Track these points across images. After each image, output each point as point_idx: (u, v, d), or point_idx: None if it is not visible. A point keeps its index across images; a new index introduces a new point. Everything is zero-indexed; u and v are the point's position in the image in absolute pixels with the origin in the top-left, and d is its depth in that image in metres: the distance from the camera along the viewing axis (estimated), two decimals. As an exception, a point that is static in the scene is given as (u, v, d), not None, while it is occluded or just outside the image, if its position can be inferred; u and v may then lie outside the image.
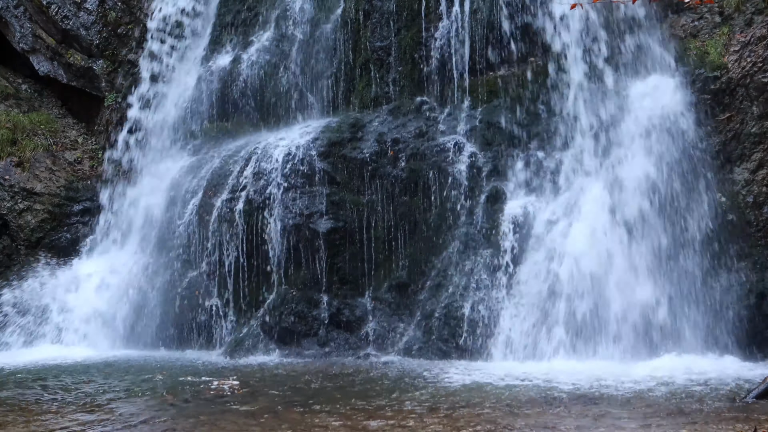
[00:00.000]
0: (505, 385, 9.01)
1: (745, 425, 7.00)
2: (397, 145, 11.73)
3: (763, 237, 10.41)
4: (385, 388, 8.98)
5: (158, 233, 12.56)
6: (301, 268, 11.50)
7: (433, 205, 11.44)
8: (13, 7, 15.19)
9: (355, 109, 12.40)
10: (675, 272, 10.35)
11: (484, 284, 10.80)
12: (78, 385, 9.53)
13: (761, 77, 10.48)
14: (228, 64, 13.33)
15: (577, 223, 10.65)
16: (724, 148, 10.68)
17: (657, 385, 8.72)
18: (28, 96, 15.43)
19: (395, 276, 11.34)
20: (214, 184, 12.12)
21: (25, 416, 7.97)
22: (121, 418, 7.85)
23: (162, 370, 10.36)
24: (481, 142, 11.56)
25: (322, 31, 12.86)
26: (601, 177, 10.87)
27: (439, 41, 12.08)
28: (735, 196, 10.54)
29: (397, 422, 7.41)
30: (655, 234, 10.45)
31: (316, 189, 11.65)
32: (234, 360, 11.01)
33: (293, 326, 11.25)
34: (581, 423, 7.31)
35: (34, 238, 13.49)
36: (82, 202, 13.83)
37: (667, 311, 10.19)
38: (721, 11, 11.09)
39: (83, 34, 14.71)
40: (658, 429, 7.07)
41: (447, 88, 12.02)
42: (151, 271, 12.36)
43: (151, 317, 12.08)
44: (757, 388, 8.04)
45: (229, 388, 9.15)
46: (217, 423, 7.58)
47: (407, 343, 10.93)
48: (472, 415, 7.60)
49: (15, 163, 13.86)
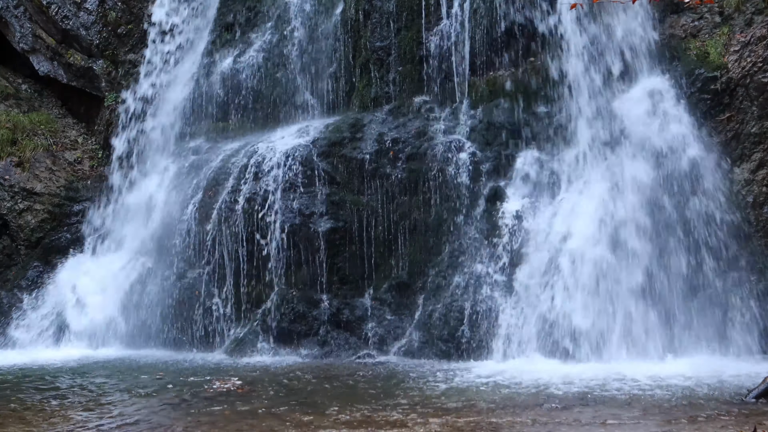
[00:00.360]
0: (506, 384, 9.01)
1: (745, 425, 7.00)
2: (397, 145, 11.73)
3: (763, 237, 10.41)
4: (385, 388, 8.97)
5: (158, 233, 12.55)
6: (301, 268, 11.50)
7: (433, 205, 11.44)
8: (13, 7, 15.19)
9: (355, 109, 12.41)
10: (675, 271, 10.35)
11: (484, 284, 10.80)
12: (78, 385, 9.53)
13: (761, 77, 10.48)
14: (228, 64, 13.33)
15: (576, 223, 10.65)
16: (724, 148, 10.68)
17: (657, 386, 8.72)
18: (28, 96, 15.43)
19: (395, 276, 11.34)
20: (214, 184, 12.12)
21: (25, 415, 7.97)
22: (121, 418, 7.84)
23: (162, 369, 10.36)
24: (481, 142, 11.55)
25: (322, 31, 12.86)
26: (600, 177, 10.87)
27: (439, 41, 12.08)
28: (735, 196, 10.54)
29: (396, 422, 7.41)
30: (655, 234, 10.45)
31: (316, 189, 11.65)
32: (234, 360, 11.01)
33: (293, 326, 11.25)
34: (581, 423, 7.31)
35: (34, 238, 13.48)
36: (82, 202, 13.82)
37: (667, 311, 10.19)
38: (721, 11, 11.09)
39: (83, 34, 14.71)
40: (658, 429, 7.07)
41: (447, 88, 12.02)
42: (151, 270, 12.36)
43: (151, 317, 12.07)
44: (757, 388, 8.04)
45: (229, 388, 9.15)
46: (217, 423, 7.57)
47: (407, 343, 10.93)
48: (472, 415, 7.60)
49: (15, 163, 13.86)
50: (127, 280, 12.52)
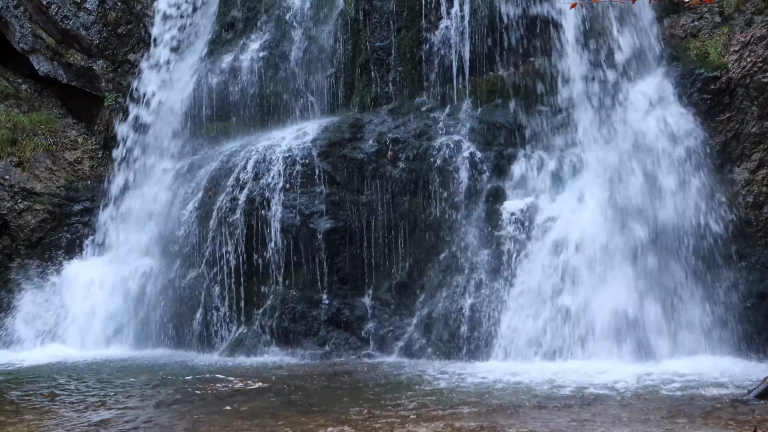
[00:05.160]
0: (505, 384, 9.01)
1: (745, 425, 7.01)
2: (397, 145, 11.74)
3: (763, 237, 10.41)
4: (385, 388, 8.98)
5: (158, 233, 12.56)
6: (301, 268, 11.50)
7: (433, 205, 11.44)
8: (13, 7, 15.20)
9: (355, 109, 12.41)
10: (675, 272, 10.36)
11: (484, 284, 10.81)
12: (78, 385, 9.54)
13: (761, 77, 10.49)
14: (228, 63, 13.33)
15: (576, 222, 10.65)
16: (724, 148, 10.69)
17: (657, 386, 8.73)
18: (28, 96, 15.43)
19: (395, 276, 11.35)
20: (214, 184, 12.12)
21: (25, 415, 7.97)
22: (121, 418, 7.85)
23: (162, 369, 10.36)
24: (481, 142, 11.56)
25: (322, 31, 12.86)
26: (601, 176, 10.87)
27: (439, 41, 12.08)
28: (735, 196, 10.54)
29: (396, 422, 7.41)
30: (654, 234, 10.45)
31: (316, 189, 11.66)
32: (234, 360, 11.02)
33: (293, 326, 11.26)
34: (581, 423, 7.31)
35: (34, 238, 13.48)
36: (82, 202, 13.82)
37: (667, 311, 10.19)
38: (721, 11, 11.10)
39: (83, 34, 14.71)
40: (658, 429, 7.07)
41: (447, 88, 12.01)
42: (151, 270, 12.36)
43: (151, 317, 12.08)
44: (757, 388, 8.04)
45: (229, 388, 9.15)
46: (217, 423, 7.58)
47: (407, 343, 10.93)
48: (471, 415, 7.61)
49: (15, 163, 13.87)
50: (127, 281, 12.52)
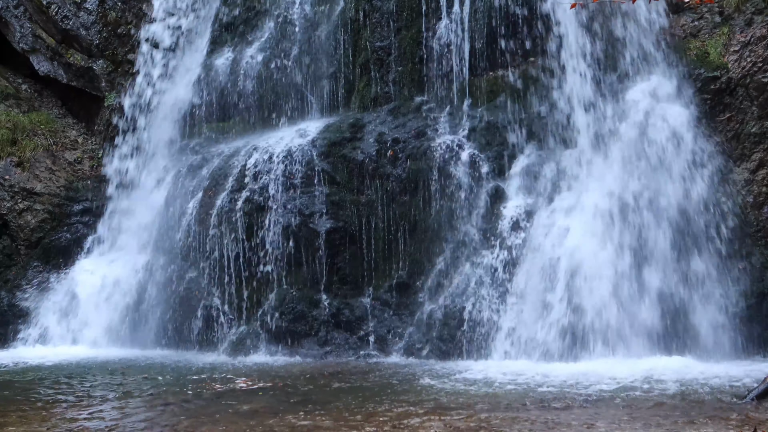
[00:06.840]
0: (505, 384, 9.01)
1: (745, 425, 7.01)
2: (397, 145, 11.74)
3: (763, 237, 10.41)
4: (385, 388, 8.98)
5: (158, 233, 12.56)
6: (301, 268, 11.50)
7: (433, 205, 11.44)
8: (13, 7, 15.20)
9: (355, 109, 12.41)
10: (674, 272, 10.35)
11: (484, 284, 10.80)
12: (78, 385, 9.53)
13: (761, 77, 10.49)
14: (228, 63, 13.33)
15: (576, 223, 10.65)
16: (724, 148, 10.68)
17: (657, 386, 8.72)
18: (28, 96, 15.43)
19: (395, 276, 11.35)
20: (214, 184, 12.12)
21: (25, 415, 7.97)
22: (121, 418, 7.85)
23: (162, 370, 10.36)
24: (481, 142, 11.56)
25: (322, 31, 12.86)
26: (600, 177, 10.87)
27: (439, 41, 12.08)
28: (735, 196, 10.54)
29: (396, 422, 7.41)
30: (654, 234, 10.45)
31: (316, 189, 11.66)
32: (234, 360, 11.02)
33: (293, 326, 11.26)
34: (581, 422, 7.31)
35: (34, 238, 13.48)
36: (82, 202, 13.82)
37: (667, 311, 10.19)
38: (721, 11, 11.10)
39: (83, 34, 14.72)
40: (658, 429, 7.07)
41: (447, 88, 12.02)
42: (151, 270, 12.36)
43: (151, 317, 12.08)
44: (757, 388, 8.04)
45: (229, 388, 9.15)
46: (217, 423, 7.58)
47: (407, 343, 10.93)
48: (471, 416, 7.61)
49: (15, 163, 13.87)
50: (128, 281, 12.53)
